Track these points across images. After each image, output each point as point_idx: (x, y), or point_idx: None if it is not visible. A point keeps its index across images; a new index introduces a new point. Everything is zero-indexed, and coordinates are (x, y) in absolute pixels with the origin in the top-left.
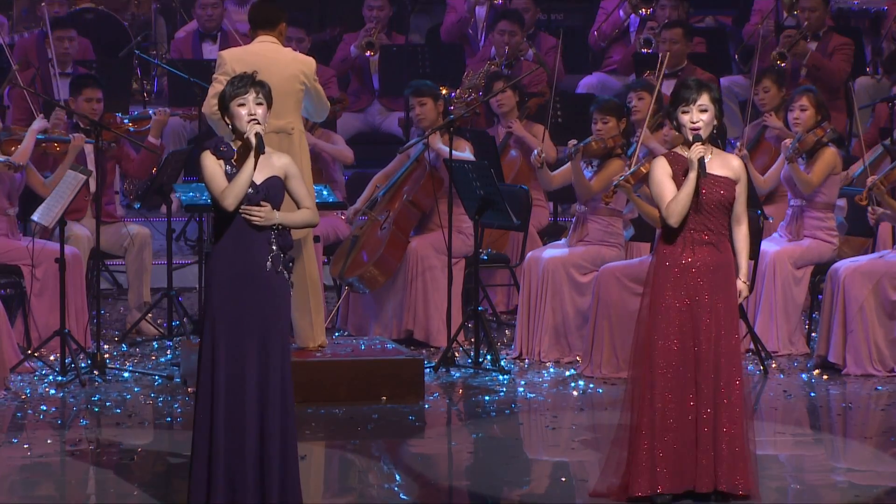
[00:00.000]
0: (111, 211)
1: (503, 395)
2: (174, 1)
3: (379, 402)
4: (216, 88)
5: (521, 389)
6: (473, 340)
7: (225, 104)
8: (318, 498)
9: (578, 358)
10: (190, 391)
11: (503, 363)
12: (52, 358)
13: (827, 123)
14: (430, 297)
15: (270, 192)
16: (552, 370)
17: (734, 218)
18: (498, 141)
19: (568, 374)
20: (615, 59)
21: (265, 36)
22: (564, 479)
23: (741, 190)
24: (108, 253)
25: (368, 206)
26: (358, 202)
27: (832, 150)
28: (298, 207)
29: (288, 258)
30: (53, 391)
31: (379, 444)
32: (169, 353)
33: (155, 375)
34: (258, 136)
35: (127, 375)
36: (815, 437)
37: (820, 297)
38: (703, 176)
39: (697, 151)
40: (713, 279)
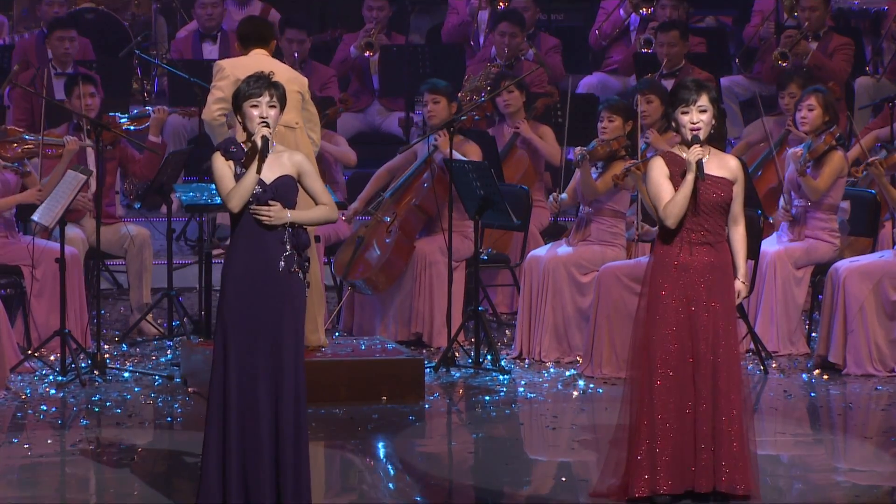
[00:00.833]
0: (111, 212)
1: (503, 395)
2: (174, 1)
3: (379, 402)
4: (216, 95)
5: (521, 389)
6: (474, 340)
7: (238, 103)
8: (318, 498)
9: (579, 358)
10: (190, 391)
11: (503, 363)
12: (52, 358)
13: (836, 128)
14: (435, 298)
15: (280, 191)
16: (552, 370)
17: (731, 218)
18: (504, 141)
19: (568, 374)
20: (615, 59)
21: (259, 50)
22: (564, 479)
23: (738, 191)
24: (107, 253)
25: (374, 206)
26: (357, 202)
27: (840, 153)
28: (314, 201)
29: (303, 258)
30: (53, 391)
31: (379, 444)
32: (169, 353)
33: (155, 375)
34: (264, 138)
35: (127, 375)
36: (815, 437)
37: (820, 297)
38: (701, 178)
39: (696, 153)
40: (710, 279)
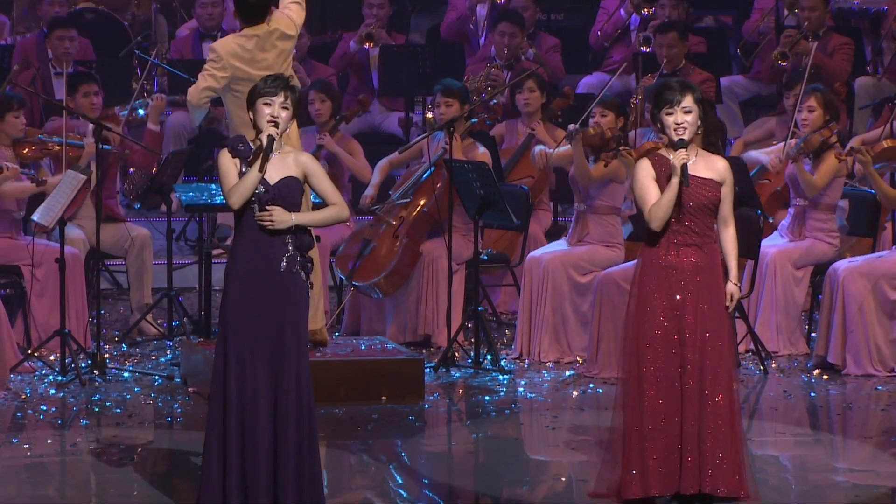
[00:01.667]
0: (112, 206)
1: (503, 395)
2: (174, 1)
3: (379, 402)
4: (208, 82)
5: (521, 389)
6: (473, 340)
7: (252, 99)
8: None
9: (579, 358)
10: (190, 391)
11: (503, 363)
12: (52, 358)
13: (835, 124)
14: (440, 300)
15: (283, 192)
16: (552, 370)
17: (721, 220)
18: (519, 140)
19: (568, 374)
20: (615, 59)
21: (255, 27)
22: (564, 479)
23: (727, 192)
24: (107, 253)
25: (379, 207)
26: (371, 188)
27: (837, 151)
28: (324, 200)
29: (306, 259)
30: (53, 391)
31: (379, 443)
32: (169, 353)
33: (155, 375)
34: (270, 138)
35: (127, 375)
36: (815, 437)
37: (820, 297)
38: (685, 185)
39: (681, 157)
40: (698, 281)
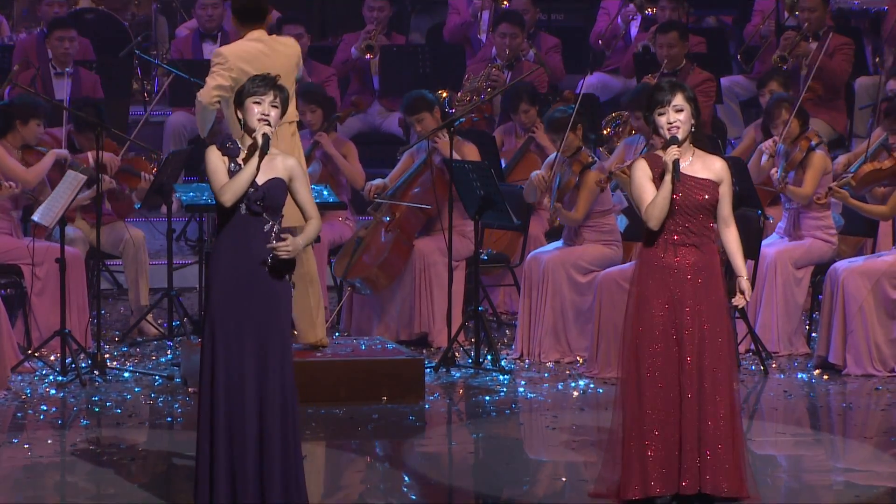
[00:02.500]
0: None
1: (503, 395)
2: (174, 1)
3: (379, 402)
4: (217, 81)
5: (521, 389)
6: (474, 340)
7: (241, 99)
8: (318, 498)
9: (579, 358)
10: (191, 391)
11: (503, 363)
12: (52, 358)
13: (811, 131)
14: (434, 298)
15: (270, 193)
16: (552, 370)
17: (722, 220)
18: (517, 143)
19: (568, 374)
20: (616, 59)
21: (258, 31)
22: (564, 479)
23: (725, 191)
24: (107, 253)
25: (373, 207)
26: (379, 180)
27: (819, 154)
28: (302, 209)
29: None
30: (54, 391)
31: (379, 444)
32: (169, 353)
33: (155, 375)
34: (265, 136)
35: (127, 375)
36: (815, 437)
37: (820, 297)
38: (677, 179)
39: (672, 154)
40: (696, 281)
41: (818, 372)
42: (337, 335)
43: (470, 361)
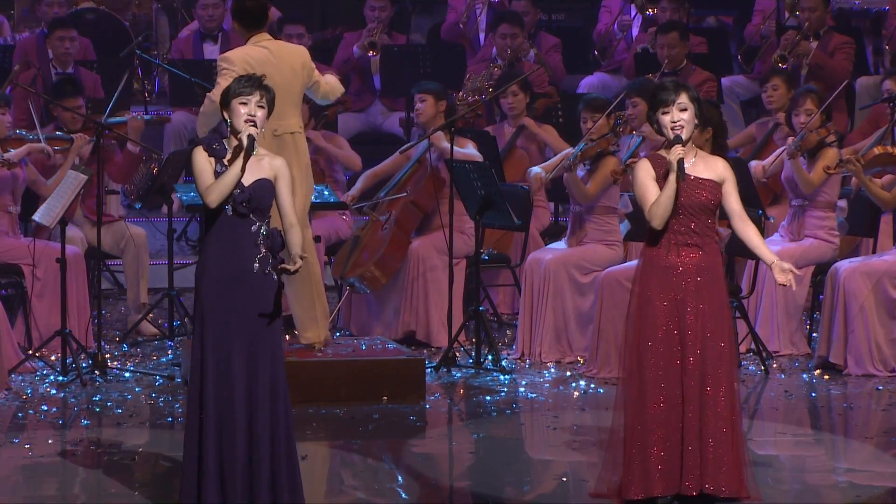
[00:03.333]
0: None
1: (504, 395)
2: (175, 1)
3: (380, 402)
4: (228, 80)
5: (521, 389)
6: (474, 340)
7: (227, 100)
8: (318, 498)
9: (580, 358)
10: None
11: (504, 363)
12: (52, 358)
13: (831, 124)
14: (431, 297)
15: (257, 194)
16: (553, 370)
17: (736, 217)
18: (504, 140)
19: (569, 374)
20: (616, 59)
21: (260, 35)
22: (565, 479)
23: (731, 188)
24: (107, 253)
25: (370, 206)
26: (354, 190)
27: (834, 150)
28: (280, 213)
29: (278, 260)
30: (54, 391)
31: (380, 444)
32: (170, 353)
33: (156, 375)
34: (251, 137)
35: (128, 375)
36: (815, 437)
37: (821, 297)
38: (681, 179)
39: (677, 153)
40: (698, 281)
41: (819, 372)
42: (338, 335)
43: (470, 361)
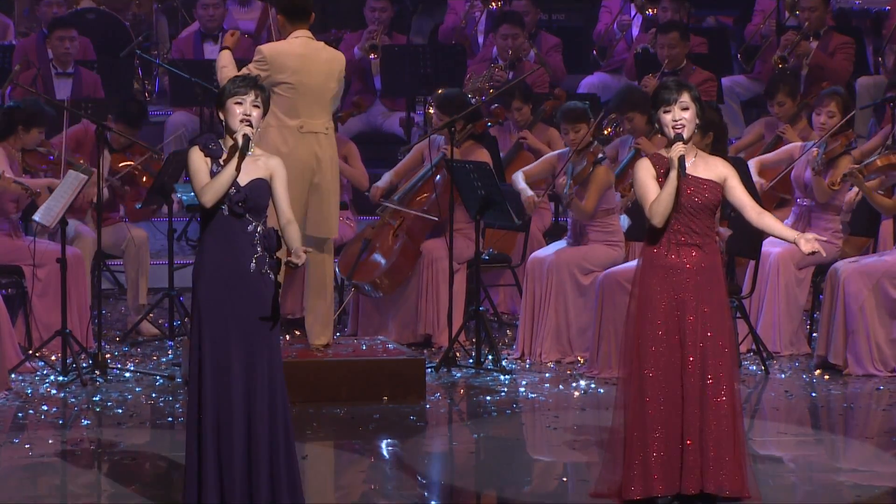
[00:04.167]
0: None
1: (504, 395)
2: (175, 1)
3: (380, 402)
4: (253, 73)
5: (522, 389)
6: (475, 340)
7: (222, 100)
8: (319, 498)
9: (580, 358)
10: None
11: (504, 363)
12: (53, 358)
13: (851, 131)
14: (441, 299)
15: (253, 194)
16: (553, 370)
17: (748, 209)
18: (510, 141)
19: (569, 374)
20: (616, 59)
21: (302, 31)
22: (565, 479)
23: (735, 183)
24: (107, 252)
25: (381, 209)
26: (383, 182)
27: (849, 157)
28: (277, 211)
29: (274, 259)
30: (55, 391)
31: (380, 443)
32: (170, 352)
33: (156, 375)
34: (246, 137)
35: (128, 375)
36: (816, 437)
37: (821, 297)
38: (682, 176)
39: (678, 151)
40: (699, 281)
41: (819, 372)
42: (338, 335)
43: (471, 361)
